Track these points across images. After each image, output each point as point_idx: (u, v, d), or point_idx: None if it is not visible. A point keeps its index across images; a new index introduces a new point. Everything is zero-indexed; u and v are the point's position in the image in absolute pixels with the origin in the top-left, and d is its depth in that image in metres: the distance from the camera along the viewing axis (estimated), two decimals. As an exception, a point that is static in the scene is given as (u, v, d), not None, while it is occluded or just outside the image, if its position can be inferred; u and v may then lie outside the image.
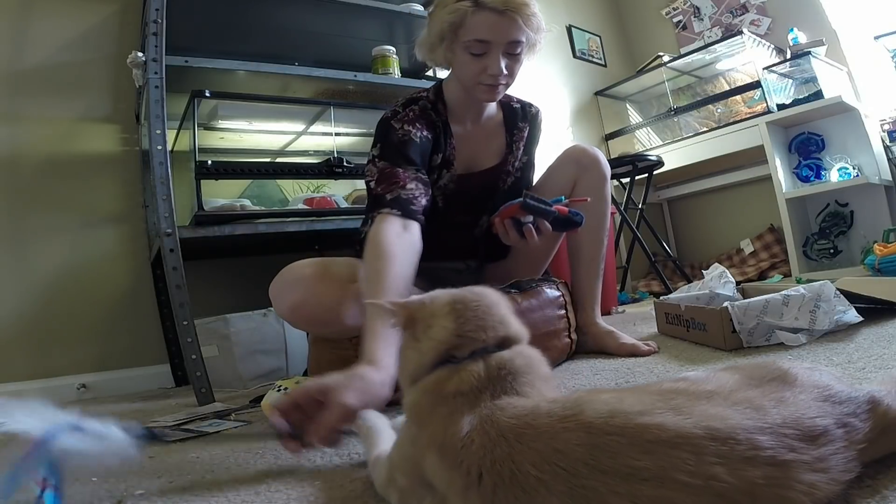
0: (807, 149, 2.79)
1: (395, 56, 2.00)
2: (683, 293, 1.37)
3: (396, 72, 2.00)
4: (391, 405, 0.72)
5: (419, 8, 2.09)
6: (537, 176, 1.42)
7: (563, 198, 1.14)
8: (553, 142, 3.09)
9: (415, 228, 1.02)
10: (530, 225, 1.08)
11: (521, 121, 1.35)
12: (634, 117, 3.60)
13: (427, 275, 1.32)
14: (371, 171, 1.12)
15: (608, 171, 1.33)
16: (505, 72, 1.14)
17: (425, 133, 1.18)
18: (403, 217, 1.01)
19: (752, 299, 1.09)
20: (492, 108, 1.33)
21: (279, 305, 1.05)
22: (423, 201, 1.07)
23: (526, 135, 1.36)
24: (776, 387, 0.43)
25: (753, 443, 0.36)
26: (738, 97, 3.04)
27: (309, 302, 1.01)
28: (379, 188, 1.07)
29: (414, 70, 2.23)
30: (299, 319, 1.05)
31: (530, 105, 1.40)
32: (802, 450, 0.37)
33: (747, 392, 0.42)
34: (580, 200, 1.17)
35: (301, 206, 1.77)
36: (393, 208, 1.01)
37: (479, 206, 1.32)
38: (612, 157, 3.27)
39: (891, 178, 2.66)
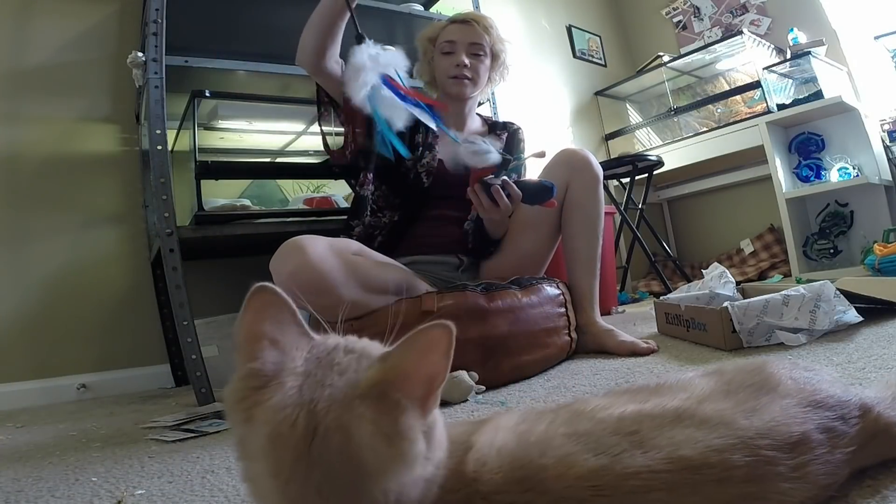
0: (807, 149, 2.79)
1: (394, 56, 2.00)
2: (683, 293, 1.37)
3: (396, 72, 2.00)
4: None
5: (419, 8, 2.09)
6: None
7: (521, 156, 1.28)
8: (553, 142, 3.10)
9: None
10: (498, 186, 1.15)
11: (499, 129, 1.58)
12: (634, 117, 3.60)
13: (424, 271, 1.34)
14: None
15: (600, 171, 1.38)
16: (468, 64, 1.42)
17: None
18: None
19: (752, 299, 1.09)
20: (477, 123, 1.58)
21: (278, 273, 1.06)
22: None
23: (505, 139, 1.55)
24: (752, 394, 0.42)
25: (727, 463, 0.36)
26: (738, 97, 3.04)
27: (307, 266, 1.02)
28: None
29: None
30: (297, 286, 1.05)
31: (512, 123, 1.62)
32: (778, 459, 0.37)
33: (718, 403, 0.41)
34: (538, 155, 1.34)
35: (301, 206, 1.77)
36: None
37: (465, 198, 1.34)
38: (612, 157, 3.28)
39: (891, 178, 2.66)
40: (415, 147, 1.41)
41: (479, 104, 2.12)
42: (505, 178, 1.18)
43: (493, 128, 1.59)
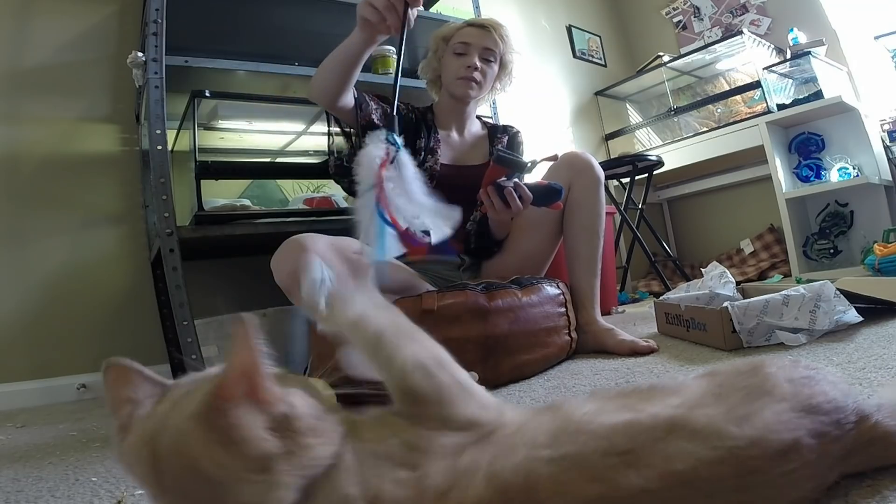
0: (807, 149, 2.80)
1: (394, 56, 2.00)
2: (682, 292, 1.37)
3: (396, 72, 2.00)
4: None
5: (419, 7, 2.09)
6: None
7: (536, 160, 1.27)
8: (553, 141, 3.10)
9: None
10: (511, 188, 1.16)
11: (500, 133, 1.61)
12: (634, 117, 3.60)
13: (425, 270, 1.34)
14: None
15: (601, 174, 1.40)
16: (479, 67, 1.44)
17: (407, 113, 1.48)
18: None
19: (752, 299, 1.09)
20: (476, 125, 1.61)
21: (279, 272, 1.07)
22: (379, 112, 1.38)
23: (505, 142, 1.58)
24: (745, 398, 0.41)
25: (717, 476, 0.35)
26: (738, 97, 3.04)
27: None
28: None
29: (414, 70, 2.23)
30: (298, 284, 1.06)
31: (511, 126, 1.66)
32: (767, 468, 0.37)
33: (710, 409, 0.40)
34: (550, 158, 1.35)
35: (301, 206, 1.77)
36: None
37: (468, 202, 1.39)
38: (612, 157, 3.28)
39: (891, 178, 2.66)
40: (416, 152, 1.42)
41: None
42: (517, 180, 1.19)
43: (493, 131, 1.61)
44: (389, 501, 0.34)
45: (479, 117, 1.65)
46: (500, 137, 1.59)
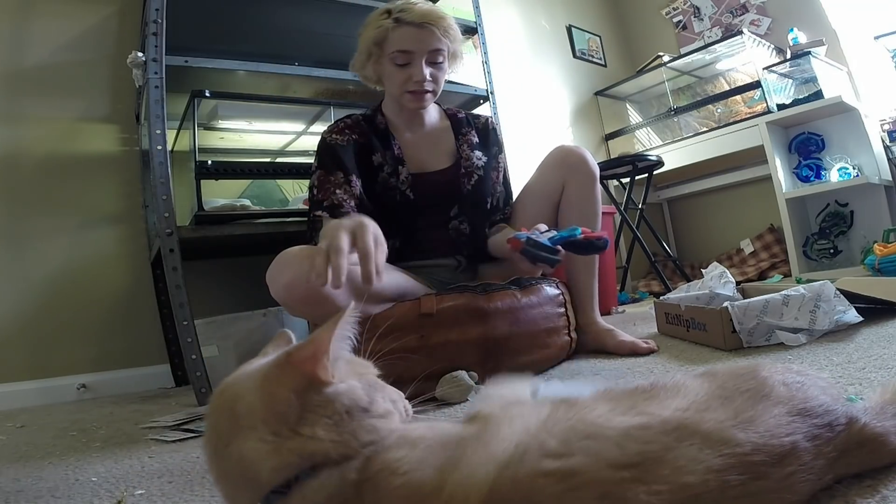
0: (807, 149, 2.80)
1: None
2: (683, 293, 1.37)
3: (396, 72, 2.00)
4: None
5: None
6: (524, 178, 1.43)
7: (577, 230, 1.10)
8: (553, 141, 3.10)
9: None
10: (540, 262, 1.06)
11: (465, 126, 1.42)
12: (634, 117, 3.60)
13: (422, 274, 1.33)
14: (313, 179, 1.27)
15: (597, 169, 1.34)
16: (429, 78, 1.25)
17: (354, 137, 1.30)
18: (332, 218, 1.13)
19: (752, 299, 1.09)
20: (435, 116, 1.42)
21: (275, 286, 1.05)
22: (351, 203, 1.21)
23: (476, 139, 1.41)
24: (748, 401, 0.42)
25: (724, 485, 0.36)
26: (738, 97, 3.04)
27: (302, 279, 1.01)
28: (318, 194, 1.23)
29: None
30: (294, 299, 1.04)
31: (478, 116, 1.48)
32: (769, 473, 0.37)
33: (718, 413, 0.40)
34: (596, 236, 1.12)
35: (301, 206, 1.77)
36: (325, 211, 1.19)
37: (446, 205, 1.37)
38: (611, 157, 3.28)
39: (891, 178, 2.66)
40: (379, 167, 1.30)
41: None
42: (552, 253, 1.06)
43: (458, 124, 1.41)
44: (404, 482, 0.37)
45: (438, 104, 1.44)
46: (467, 133, 1.40)
